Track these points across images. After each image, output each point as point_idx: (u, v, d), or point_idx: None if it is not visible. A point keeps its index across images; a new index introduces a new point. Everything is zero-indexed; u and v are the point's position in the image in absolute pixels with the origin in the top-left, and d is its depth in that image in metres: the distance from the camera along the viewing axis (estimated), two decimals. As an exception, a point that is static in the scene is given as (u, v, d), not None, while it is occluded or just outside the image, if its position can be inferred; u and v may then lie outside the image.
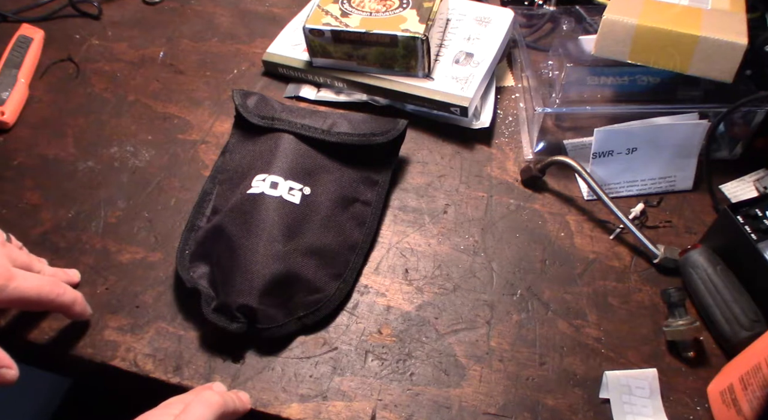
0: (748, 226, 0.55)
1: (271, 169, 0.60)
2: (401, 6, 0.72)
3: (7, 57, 0.77)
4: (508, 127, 0.73)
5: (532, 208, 0.66)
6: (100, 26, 0.85)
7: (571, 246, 0.63)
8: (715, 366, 0.54)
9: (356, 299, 0.59)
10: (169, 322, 0.57)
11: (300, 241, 0.57)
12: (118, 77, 0.78)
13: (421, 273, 0.61)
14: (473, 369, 0.55)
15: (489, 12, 0.78)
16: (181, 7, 0.88)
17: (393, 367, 0.54)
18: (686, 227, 0.64)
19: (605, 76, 0.70)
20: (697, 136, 0.64)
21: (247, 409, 0.50)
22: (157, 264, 0.61)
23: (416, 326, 0.57)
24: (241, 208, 0.58)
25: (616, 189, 0.66)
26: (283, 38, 0.80)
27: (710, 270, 0.56)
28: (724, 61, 0.61)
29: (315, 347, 0.55)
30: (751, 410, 0.47)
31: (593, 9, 0.79)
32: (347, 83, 0.74)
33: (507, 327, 0.57)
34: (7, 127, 0.72)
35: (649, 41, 0.63)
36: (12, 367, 0.47)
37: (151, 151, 0.70)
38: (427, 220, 0.65)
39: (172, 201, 0.66)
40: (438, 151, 0.71)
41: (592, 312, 0.58)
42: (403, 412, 0.52)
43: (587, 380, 0.54)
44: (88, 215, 0.64)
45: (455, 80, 0.71)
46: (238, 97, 0.68)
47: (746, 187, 0.67)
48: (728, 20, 0.64)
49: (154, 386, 0.54)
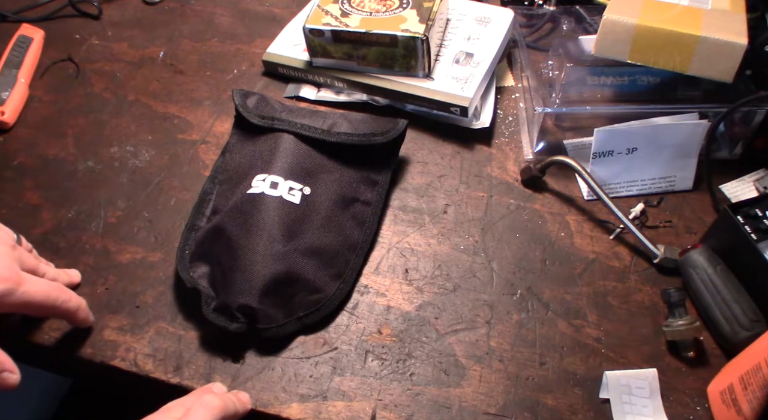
0: (748, 226, 0.55)
1: (271, 169, 0.60)
2: (401, 6, 0.72)
3: (7, 57, 0.77)
4: (508, 127, 0.73)
5: (532, 208, 0.66)
6: (100, 26, 0.85)
7: (571, 246, 0.63)
8: (715, 366, 0.54)
9: (356, 299, 0.59)
10: (169, 322, 0.57)
11: (300, 241, 0.57)
12: (118, 77, 0.78)
13: (421, 273, 0.61)
14: (473, 369, 0.55)
15: (489, 12, 0.78)
16: (181, 7, 0.88)
17: (393, 367, 0.54)
18: (686, 227, 0.64)
19: (605, 76, 0.70)
20: (697, 136, 0.64)
21: (248, 410, 0.50)
22: (157, 264, 0.61)
23: (416, 326, 0.57)
24: (241, 208, 0.58)
25: (616, 189, 0.66)
26: (283, 38, 0.80)
27: (710, 270, 0.56)
28: (724, 61, 0.61)
29: (315, 347, 0.55)
30: (751, 410, 0.47)
31: (593, 9, 0.79)
32: (347, 83, 0.74)
33: (507, 327, 0.57)
34: (7, 127, 0.72)
35: (649, 41, 0.63)
36: (14, 372, 0.47)
37: (151, 151, 0.70)
38: (427, 220, 0.65)
39: (172, 201, 0.66)
40: (438, 151, 0.71)
41: (592, 312, 0.58)
42: (403, 412, 0.52)
43: (587, 380, 0.54)
44: (88, 215, 0.64)
45: (455, 80, 0.71)
46: (238, 97, 0.68)
47: (746, 187, 0.67)
48: (728, 20, 0.64)
49: (154, 386, 0.54)
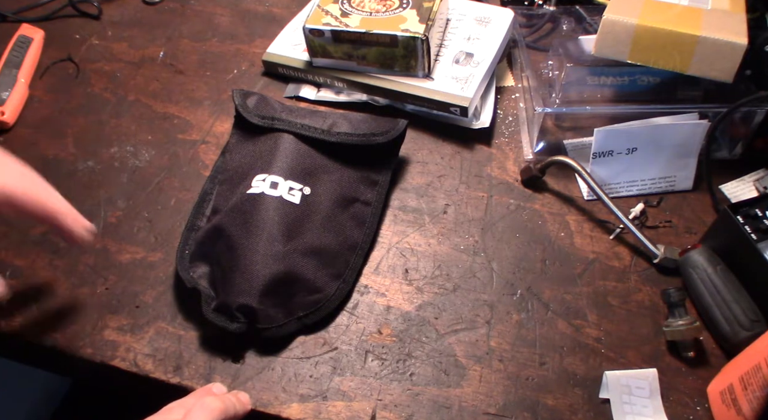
0: (748, 226, 0.55)
1: (271, 169, 0.60)
2: (401, 6, 0.72)
3: (7, 57, 0.77)
4: (508, 127, 0.73)
5: (532, 208, 0.66)
6: (100, 26, 0.85)
7: (571, 246, 0.63)
8: (715, 366, 0.54)
9: (356, 299, 0.59)
10: (169, 322, 0.57)
11: (300, 241, 0.57)
12: (118, 77, 0.78)
13: (421, 273, 0.61)
14: (473, 369, 0.55)
15: (489, 12, 0.78)
16: (181, 7, 0.88)
17: (393, 367, 0.54)
18: (686, 227, 0.64)
19: (605, 76, 0.70)
20: (697, 136, 0.64)
21: (248, 410, 0.50)
22: (157, 264, 0.61)
23: (416, 326, 0.57)
24: (241, 208, 0.58)
25: (616, 189, 0.66)
26: (283, 38, 0.80)
27: (710, 270, 0.56)
28: (724, 61, 0.61)
29: (315, 347, 0.55)
30: (751, 410, 0.47)
31: (593, 9, 0.79)
32: (347, 83, 0.74)
33: (507, 327, 0.57)
34: (7, 127, 0.72)
35: (649, 41, 0.63)
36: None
37: (151, 151, 0.70)
38: (427, 220, 0.65)
39: (172, 201, 0.66)
40: (438, 151, 0.71)
41: (592, 312, 0.58)
42: (403, 412, 0.52)
43: (587, 380, 0.54)
44: (88, 215, 0.64)
45: (455, 80, 0.71)
46: (238, 97, 0.68)
47: (746, 187, 0.67)
48: (728, 20, 0.64)
49: (154, 386, 0.54)
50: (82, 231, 0.52)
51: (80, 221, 0.52)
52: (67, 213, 0.51)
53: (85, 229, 0.52)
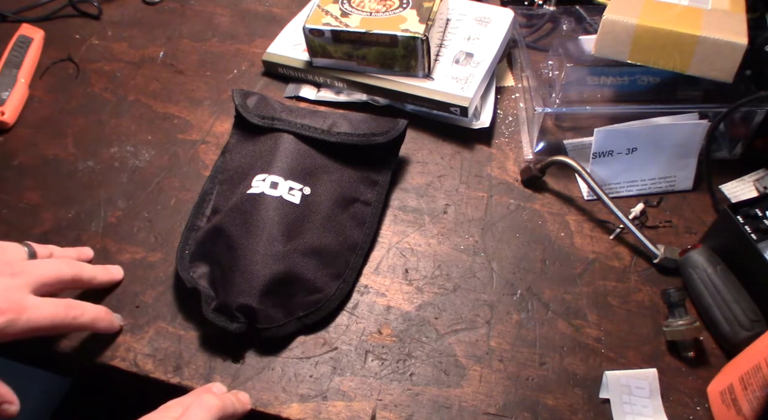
0: (748, 226, 0.55)
1: (271, 169, 0.60)
2: (401, 6, 0.72)
3: (7, 57, 0.77)
4: (508, 127, 0.73)
5: (532, 208, 0.66)
6: (100, 26, 0.85)
7: (571, 246, 0.63)
8: (715, 366, 0.54)
9: (356, 299, 0.59)
10: (169, 322, 0.57)
11: (300, 241, 0.57)
12: (118, 77, 0.78)
13: (421, 273, 0.61)
14: (473, 369, 0.55)
15: (489, 12, 0.78)
16: (181, 7, 0.88)
17: (393, 367, 0.54)
18: (686, 227, 0.64)
19: (605, 76, 0.70)
20: (697, 136, 0.64)
21: (247, 410, 0.50)
22: (157, 264, 0.61)
23: (416, 326, 0.57)
24: (241, 208, 0.58)
25: (616, 189, 0.66)
26: (283, 38, 0.80)
27: (710, 270, 0.56)
28: (724, 61, 0.61)
29: (315, 347, 0.55)
30: (751, 410, 0.47)
31: (593, 9, 0.79)
32: (347, 83, 0.74)
33: (507, 327, 0.57)
34: (7, 127, 0.72)
35: (649, 41, 0.63)
36: (14, 403, 0.48)
37: (151, 151, 0.70)
38: (427, 220, 0.65)
39: (172, 201, 0.66)
40: (438, 151, 0.71)
41: (592, 312, 0.58)
42: (403, 412, 0.52)
43: (587, 380, 0.54)
44: (88, 215, 0.64)
45: (455, 80, 0.71)
46: (238, 97, 0.68)
47: (746, 187, 0.67)
48: (728, 20, 0.64)
49: (154, 386, 0.54)
50: (115, 327, 0.55)
51: (112, 324, 0.54)
52: (98, 320, 0.52)
53: (119, 321, 0.55)
